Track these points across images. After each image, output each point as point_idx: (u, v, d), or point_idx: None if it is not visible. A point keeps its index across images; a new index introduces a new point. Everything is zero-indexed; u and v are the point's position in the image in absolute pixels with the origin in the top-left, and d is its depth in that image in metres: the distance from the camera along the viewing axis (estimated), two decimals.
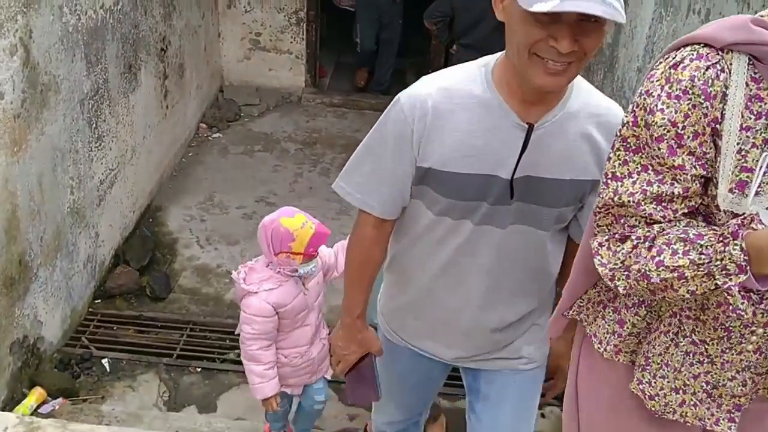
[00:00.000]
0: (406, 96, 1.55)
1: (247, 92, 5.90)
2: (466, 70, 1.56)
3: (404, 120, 1.53)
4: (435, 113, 1.51)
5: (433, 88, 1.54)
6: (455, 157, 1.52)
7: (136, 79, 3.90)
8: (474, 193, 1.56)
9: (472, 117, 1.50)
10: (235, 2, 5.66)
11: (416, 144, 1.53)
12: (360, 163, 1.65)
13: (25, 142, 2.76)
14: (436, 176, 1.55)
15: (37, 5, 2.76)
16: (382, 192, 1.62)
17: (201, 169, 4.92)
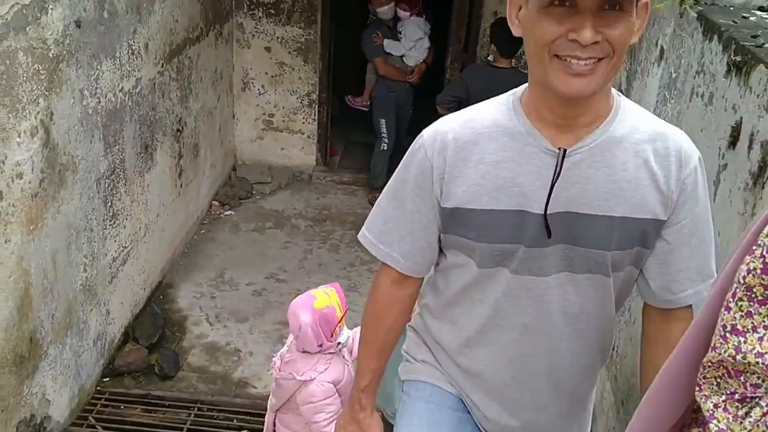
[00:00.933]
0: (428, 131, 1.45)
1: (260, 170, 6.00)
2: (494, 101, 1.44)
3: (424, 156, 1.41)
4: (456, 146, 1.38)
5: (456, 121, 1.43)
6: (480, 192, 1.37)
7: (152, 158, 3.99)
8: (507, 233, 1.37)
9: (497, 147, 1.37)
10: (250, 85, 5.83)
11: (438, 181, 1.40)
12: (382, 208, 1.52)
13: (41, 220, 2.81)
14: (463, 217, 1.39)
15: (59, 89, 2.85)
16: (405, 241, 1.48)
17: (212, 246, 4.96)
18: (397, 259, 1.51)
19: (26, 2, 2.56)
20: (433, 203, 1.43)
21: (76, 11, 2.92)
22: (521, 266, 1.40)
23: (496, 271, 1.42)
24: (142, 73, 3.72)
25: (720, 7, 2.46)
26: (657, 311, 1.50)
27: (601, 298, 1.45)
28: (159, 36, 3.93)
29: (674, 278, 1.43)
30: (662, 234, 1.40)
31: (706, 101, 2.19)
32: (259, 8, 5.58)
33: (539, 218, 1.35)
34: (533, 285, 1.42)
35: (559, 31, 1.20)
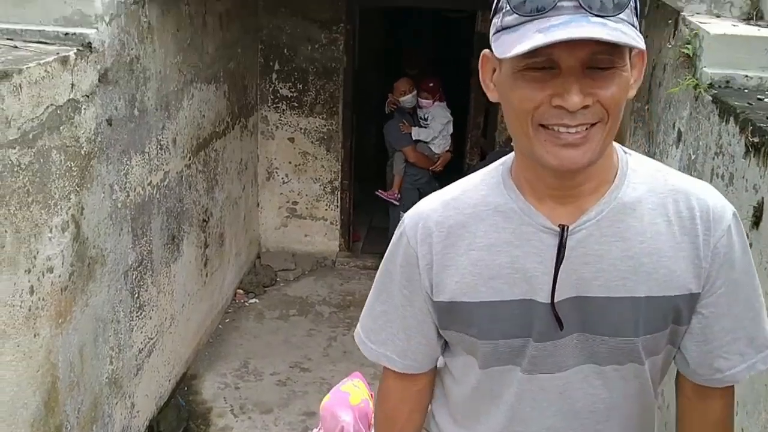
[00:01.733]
0: (408, 216, 1.28)
1: (284, 258, 6.04)
2: (480, 174, 1.28)
3: (407, 244, 1.25)
4: (441, 231, 1.22)
5: (437, 202, 1.26)
6: (476, 282, 1.20)
7: (178, 249, 4.05)
8: (513, 327, 1.20)
9: (489, 228, 1.19)
10: (274, 174, 5.95)
11: (426, 272, 1.23)
12: (371, 303, 1.35)
13: (70, 313, 2.84)
14: (460, 311, 1.22)
15: (90, 184, 2.94)
16: (399, 339, 1.31)
17: (237, 335, 4.95)
18: (392, 358, 1.33)
19: (61, 103, 2.68)
20: (424, 296, 1.26)
21: (108, 110, 3.04)
22: (534, 363, 1.21)
23: (506, 371, 1.24)
24: (170, 167, 3.82)
25: (734, 90, 2.51)
26: (693, 387, 1.28)
27: (636, 388, 1.24)
28: (187, 131, 4.06)
29: (719, 354, 1.22)
30: (697, 308, 1.20)
31: (727, 182, 2.20)
32: (282, 101, 5.76)
33: (547, 308, 1.17)
34: (551, 383, 1.23)
35: (541, 96, 1.03)
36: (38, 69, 2.51)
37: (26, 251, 2.51)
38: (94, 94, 2.91)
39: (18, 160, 2.42)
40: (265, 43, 5.63)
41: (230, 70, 4.85)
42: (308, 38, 5.61)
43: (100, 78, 2.95)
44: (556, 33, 0.98)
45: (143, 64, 3.38)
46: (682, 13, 2.96)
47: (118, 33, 3.09)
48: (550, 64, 1.02)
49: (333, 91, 5.73)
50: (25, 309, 2.53)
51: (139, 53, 3.33)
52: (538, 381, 1.23)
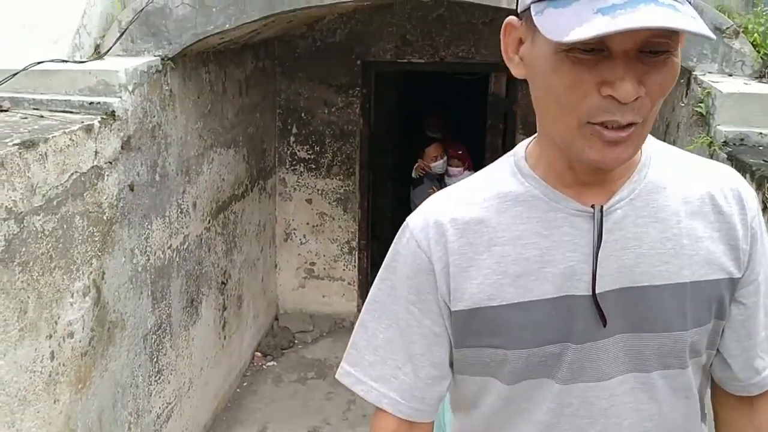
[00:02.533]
0: (413, 218, 1.12)
1: (302, 319, 6.02)
2: (486, 171, 1.15)
3: (416, 249, 1.08)
4: (457, 228, 1.06)
5: (447, 199, 1.11)
6: (502, 282, 1.04)
7: (197, 312, 4.05)
8: (549, 330, 1.04)
9: (511, 219, 1.05)
10: (292, 235, 5.98)
11: (442, 279, 1.06)
12: (367, 332, 1.14)
13: (89, 379, 2.84)
14: (485, 319, 1.05)
15: (111, 249, 2.98)
16: (404, 373, 1.11)
17: (255, 399, 4.90)
18: (395, 400, 1.11)
19: (84, 170, 2.74)
20: (439, 309, 1.08)
21: (130, 176, 3.10)
22: (572, 372, 1.05)
23: (538, 385, 1.06)
24: (189, 230, 3.86)
25: (749, 147, 2.52)
26: (735, 401, 1.16)
27: (683, 401, 1.09)
28: (206, 194, 4.12)
29: (756, 353, 1.12)
30: (737, 296, 1.09)
31: None
32: (300, 163, 5.84)
33: (587, 302, 1.02)
34: (593, 395, 1.06)
35: (589, 84, 0.90)
36: (63, 137, 2.58)
37: (48, 317, 2.53)
38: (117, 161, 2.97)
39: (42, 227, 2.47)
40: (283, 107, 5.74)
41: (249, 134, 4.94)
42: (325, 102, 5.72)
43: (122, 145, 3.01)
44: (625, 18, 0.82)
45: (165, 130, 3.46)
46: (693, 72, 2.99)
47: (140, 101, 3.17)
48: (600, 46, 0.88)
49: (350, 152, 5.81)
50: (45, 375, 2.53)
51: (161, 120, 3.41)
52: (578, 391, 1.05)
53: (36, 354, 2.47)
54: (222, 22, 3.37)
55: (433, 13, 5.49)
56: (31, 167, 2.39)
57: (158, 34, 3.36)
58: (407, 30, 5.57)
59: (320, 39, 5.61)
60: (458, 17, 5.48)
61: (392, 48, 5.62)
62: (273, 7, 3.37)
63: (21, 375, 2.39)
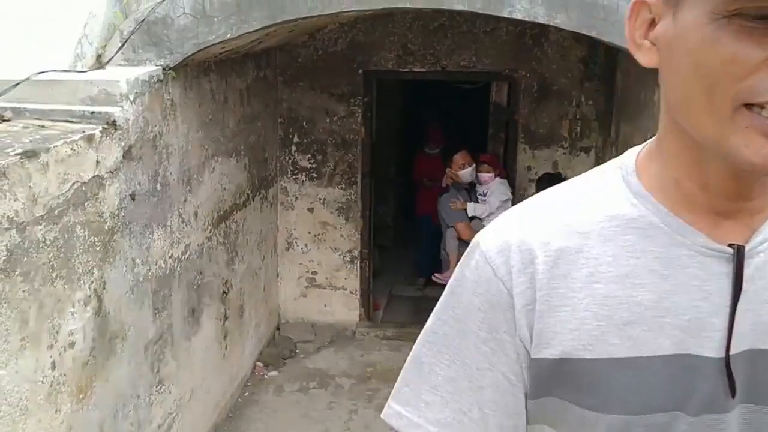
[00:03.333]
0: (489, 237, 0.90)
1: (303, 329, 6.00)
2: (589, 180, 0.92)
3: (491, 277, 0.87)
4: (548, 256, 0.86)
5: (535, 218, 0.90)
6: (603, 329, 0.84)
7: (198, 322, 4.04)
8: (659, 396, 0.83)
9: (619, 252, 0.85)
10: (293, 245, 5.98)
11: (523, 317, 0.86)
12: (424, 367, 0.93)
13: (90, 389, 2.83)
14: (576, 373, 0.85)
15: (113, 258, 2.97)
16: (471, 419, 0.90)
17: (256, 410, 4.88)
18: None
19: (86, 180, 2.73)
20: (517, 354, 0.88)
21: (131, 185, 3.10)
22: None
23: None
24: (191, 240, 3.86)
25: None
26: None
27: None
28: (208, 203, 4.11)
29: None
30: None
31: None
32: (302, 172, 5.84)
33: (716, 365, 0.82)
34: None
35: (757, 58, 0.70)
36: (65, 147, 2.58)
37: (49, 327, 2.52)
38: (118, 170, 2.97)
39: (43, 237, 2.46)
40: (284, 116, 5.75)
41: (251, 143, 4.94)
42: (327, 111, 5.73)
43: (124, 154, 3.01)
44: None
45: (166, 139, 3.46)
46: None
47: (142, 111, 3.17)
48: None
49: (351, 161, 5.81)
50: (46, 385, 2.52)
51: (162, 129, 3.41)
52: None
53: (37, 364, 2.47)
54: (223, 32, 3.37)
55: (435, 23, 5.50)
56: (32, 177, 2.38)
57: (160, 44, 3.37)
58: (409, 39, 5.58)
59: (322, 48, 5.62)
60: (459, 26, 5.49)
61: (394, 57, 5.63)
62: (274, 16, 3.38)
63: (22, 385, 2.38)
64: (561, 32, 4.90)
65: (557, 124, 5.60)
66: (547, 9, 3.22)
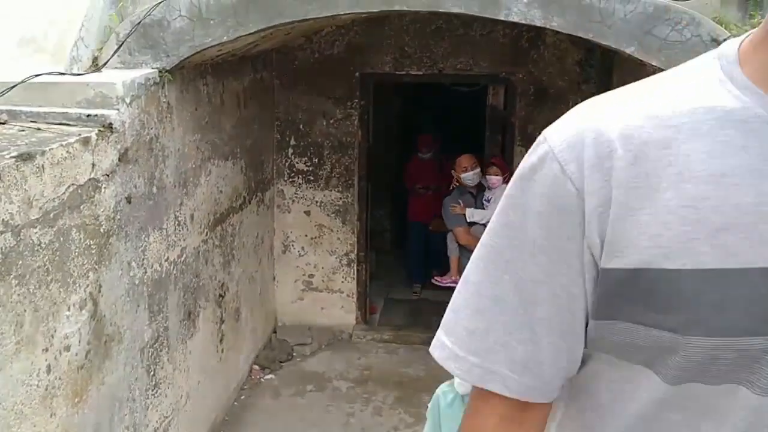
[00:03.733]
0: (558, 131, 0.80)
1: (300, 332, 5.99)
2: (676, 72, 0.82)
3: (558, 174, 0.77)
4: (629, 151, 0.75)
5: (615, 108, 0.79)
6: (694, 236, 0.73)
7: (194, 325, 4.03)
8: (755, 316, 0.72)
9: (714, 147, 0.74)
10: (290, 248, 5.97)
11: (594, 220, 0.76)
12: (470, 288, 0.85)
13: (86, 392, 2.81)
14: (655, 287, 0.74)
15: (108, 261, 2.96)
16: (519, 341, 0.82)
17: (253, 413, 4.86)
18: (503, 375, 0.83)
19: (81, 182, 2.73)
20: (581, 264, 0.78)
21: (127, 188, 3.09)
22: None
23: (722, 393, 0.76)
24: (187, 243, 3.85)
25: None
26: None
27: None
28: (204, 206, 4.11)
29: None
30: None
31: None
32: (298, 175, 5.83)
33: None
34: None
35: None
36: (60, 150, 2.57)
37: (44, 330, 2.51)
38: (114, 173, 2.96)
39: (39, 240, 2.45)
40: (281, 119, 5.74)
41: (247, 146, 4.94)
42: (323, 114, 5.72)
43: (120, 157, 3.01)
44: None
45: (162, 142, 3.45)
46: None
47: (138, 113, 3.16)
48: None
49: (348, 164, 5.81)
50: (41, 388, 2.51)
51: (159, 132, 3.40)
52: None
53: (32, 367, 2.45)
54: (220, 35, 3.37)
55: (432, 26, 5.50)
56: (28, 180, 2.37)
57: (156, 47, 3.36)
58: (405, 42, 5.59)
59: (318, 51, 5.62)
60: (456, 29, 5.49)
61: (390, 60, 5.63)
62: (271, 19, 3.37)
63: (17, 388, 2.37)
64: (557, 35, 4.91)
65: None
66: (544, 12, 3.22)
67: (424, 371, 5.36)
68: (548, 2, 3.20)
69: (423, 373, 5.33)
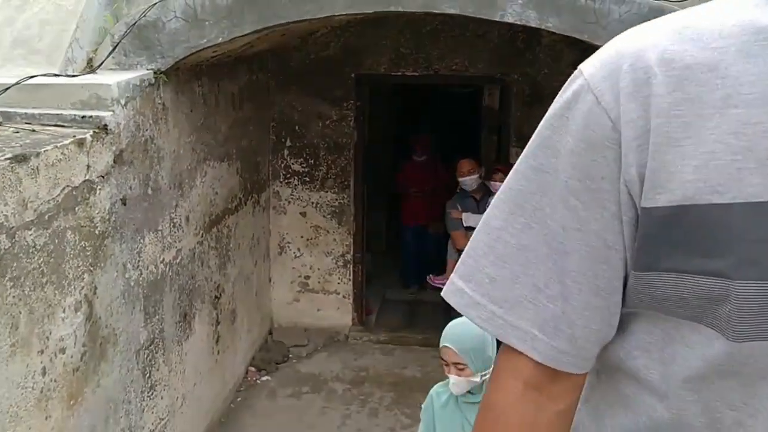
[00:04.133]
0: (593, 62, 0.75)
1: (296, 333, 5.99)
2: (712, 2, 0.75)
3: (593, 107, 0.71)
4: (670, 76, 0.69)
5: (653, 31, 0.73)
6: (744, 165, 0.66)
7: (190, 327, 4.02)
8: None
9: (764, 69, 0.67)
10: (286, 249, 5.96)
11: (632, 154, 0.69)
12: (491, 233, 0.77)
13: (81, 395, 2.81)
14: (704, 223, 0.67)
15: (103, 263, 2.95)
16: (548, 297, 0.74)
17: (249, 415, 4.86)
18: (530, 334, 0.75)
19: (76, 184, 2.72)
20: (618, 205, 0.71)
21: (122, 190, 3.08)
22: None
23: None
24: (182, 244, 3.84)
25: None
26: None
27: None
28: (199, 208, 4.10)
29: None
30: None
31: None
32: (294, 176, 5.83)
33: None
34: None
35: None
36: (55, 152, 2.56)
37: (39, 332, 2.51)
38: (109, 175, 2.95)
39: (33, 242, 2.44)
40: (276, 120, 5.74)
41: (243, 147, 4.93)
42: (319, 115, 5.72)
43: (115, 159, 3.00)
44: None
45: (157, 144, 3.44)
46: None
47: (133, 115, 3.16)
48: None
49: (344, 165, 5.81)
50: (37, 391, 2.50)
51: (154, 134, 3.39)
52: None
53: (27, 370, 2.44)
54: (215, 36, 3.36)
55: (427, 27, 5.51)
56: (22, 181, 2.37)
57: (151, 48, 3.36)
58: (401, 43, 5.59)
59: (314, 52, 5.62)
60: (452, 30, 5.50)
61: (386, 61, 5.63)
62: (266, 20, 3.37)
63: (12, 391, 2.36)
64: (553, 36, 4.91)
65: None
66: (539, 13, 3.22)
67: (420, 372, 5.37)
68: (543, 3, 3.21)
69: (419, 374, 5.33)
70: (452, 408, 2.44)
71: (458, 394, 2.39)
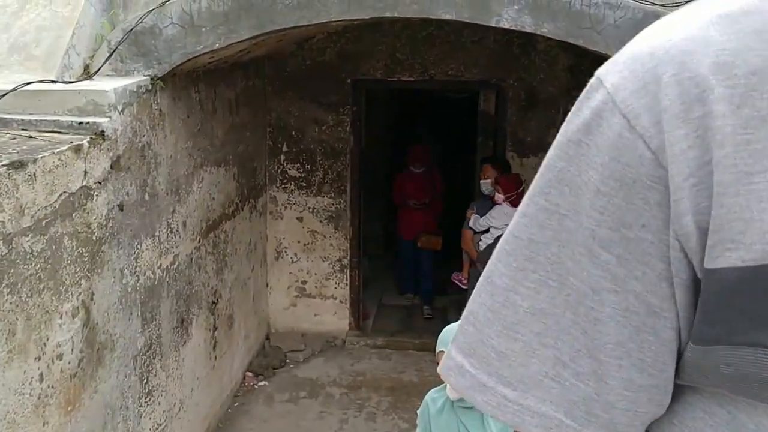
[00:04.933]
0: (618, 68, 0.55)
1: (293, 338, 5.99)
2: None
3: (625, 132, 0.53)
4: (734, 88, 0.51)
5: (698, 22, 0.54)
6: None
7: (187, 332, 4.02)
8: None
9: None
10: (283, 254, 5.96)
11: (686, 197, 0.52)
12: (496, 293, 0.61)
13: (79, 401, 2.81)
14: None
15: (100, 269, 2.95)
16: (575, 374, 0.59)
17: (246, 420, 4.85)
18: (553, 419, 0.60)
19: (73, 190, 2.72)
20: (665, 263, 0.55)
21: (119, 195, 3.09)
22: None
23: None
24: (179, 250, 3.84)
25: None
26: None
27: None
28: (196, 213, 4.10)
29: None
30: None
31: None
32: (291, 182, 5.84)
33: None
34: None
35: None
36: (52, 158, 2.57)
37: (36, 338, 2.51)
38: (106, 181, 2.96)
39: (30, 248, 2.45)
40: (273, 126, 5.75)
41: (239, 152, 4.94)
42: (315, 120, 5.73)
43: (112, 165, 3.00)
44: None
45: (154, 149, 3.45)
46: None
47: (130, 121, 3.16)
48: None
49: (341, 170, 5.82)
50: (34, 397, 2.50)
51: (151, 139, 3.40)
52: None
53: (25, 376, 2.45)
54: (211, 42, 3.37)
55: (423, 32, 5.52)
56: (19, 188, 2.37)
57: (148, 54, 3.36)
58: (397, 48, 5.60)
59: (310, 58, 5.63)
60: (448, 36, 5.52)
61: (382, 66, 5.64)
62: (263, 26, 3.38)
63: (10, 397, 2.36)
64: (548, 41, 4.93)
65: (545, 133, 5.62)
66: (534, 18, 3.24)
67: (417, 377, 5.37)
68: (539, 9, 3.22)
69: (416, 379, 5.34)
70: (448, 413, 2.44)
71: (454, 399, 2.40)
